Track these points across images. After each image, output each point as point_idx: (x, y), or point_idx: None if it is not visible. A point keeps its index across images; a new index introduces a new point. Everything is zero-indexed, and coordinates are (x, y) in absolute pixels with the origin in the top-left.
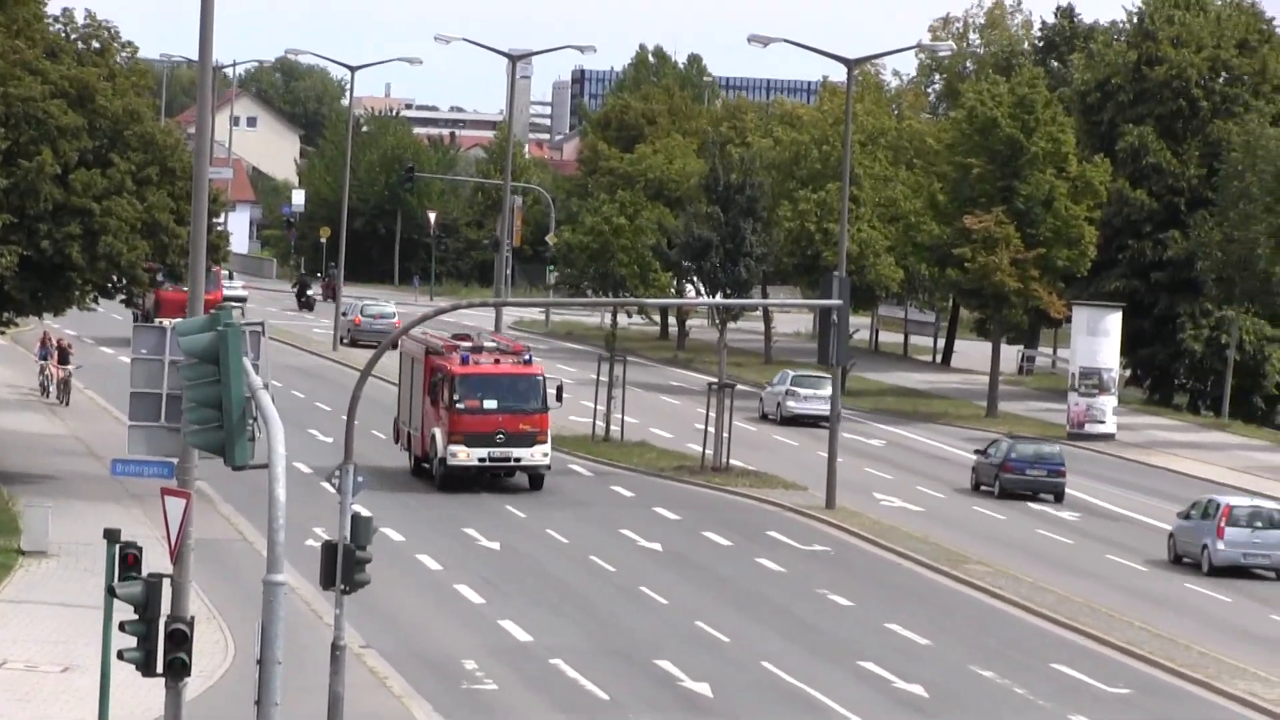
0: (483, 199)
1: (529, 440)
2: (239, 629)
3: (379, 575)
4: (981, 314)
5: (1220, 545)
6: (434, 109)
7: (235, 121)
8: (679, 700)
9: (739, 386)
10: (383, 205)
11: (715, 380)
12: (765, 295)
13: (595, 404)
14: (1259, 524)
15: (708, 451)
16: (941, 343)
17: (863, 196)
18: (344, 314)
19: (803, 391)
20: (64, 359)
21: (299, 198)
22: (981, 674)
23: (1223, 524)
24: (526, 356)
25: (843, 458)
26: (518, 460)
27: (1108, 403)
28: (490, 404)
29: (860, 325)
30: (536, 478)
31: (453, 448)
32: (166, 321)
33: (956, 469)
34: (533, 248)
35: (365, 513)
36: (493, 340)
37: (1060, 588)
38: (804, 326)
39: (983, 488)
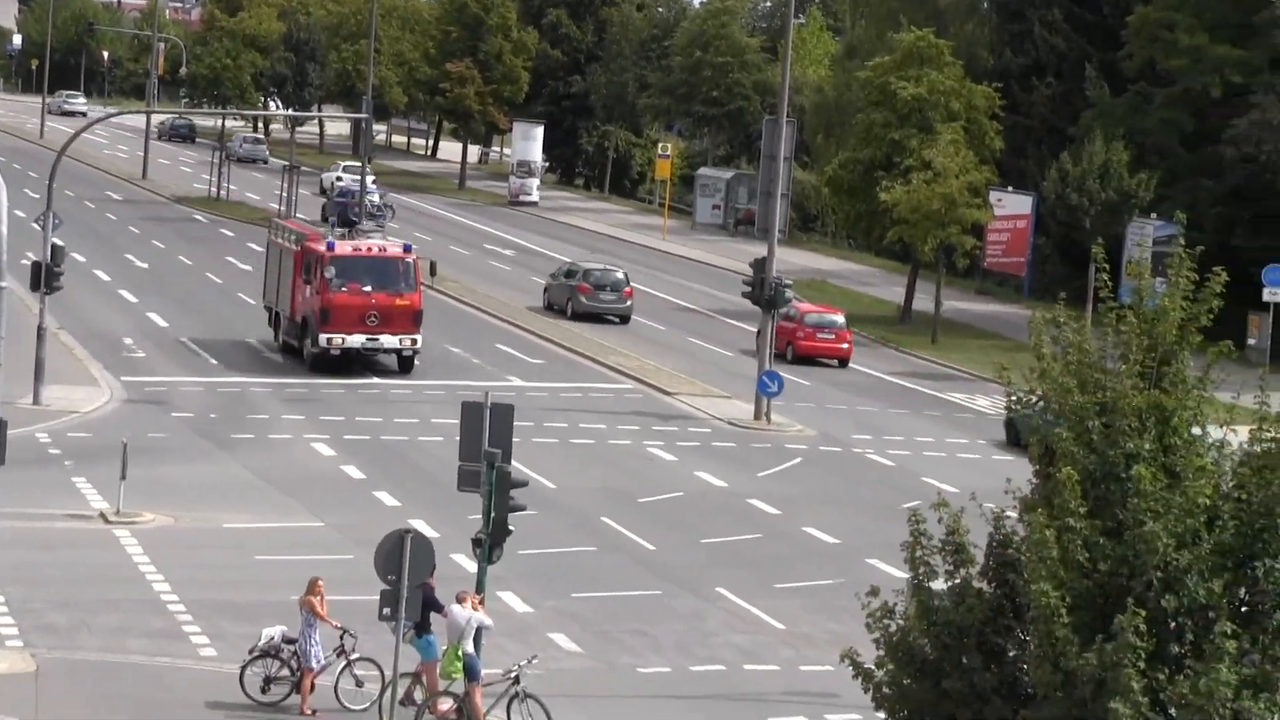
0: (139, 44)
1: None
2: None
3: (68, 284)
4: (457, 125)
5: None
6: None
7: None
8: (268, 365)
9: (303, 167)
10: (73, 46)
11: (288, 163)
12: (321, 110)
13: (211, 176)
14: None
15: (282, 208)
16: (432, 142)
17: (383, 49)
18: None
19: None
20: None
21: (17, 40)
22: (452, 350)
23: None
24: None
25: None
26: None
27: (534, 182)
28: None
29: (381, 130)
30: None
31: None
32: None
33: (440, 223)
34: (172, 76)
35: (60, 243)
36: None
37: (503, 298)
38: (345, 131)
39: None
